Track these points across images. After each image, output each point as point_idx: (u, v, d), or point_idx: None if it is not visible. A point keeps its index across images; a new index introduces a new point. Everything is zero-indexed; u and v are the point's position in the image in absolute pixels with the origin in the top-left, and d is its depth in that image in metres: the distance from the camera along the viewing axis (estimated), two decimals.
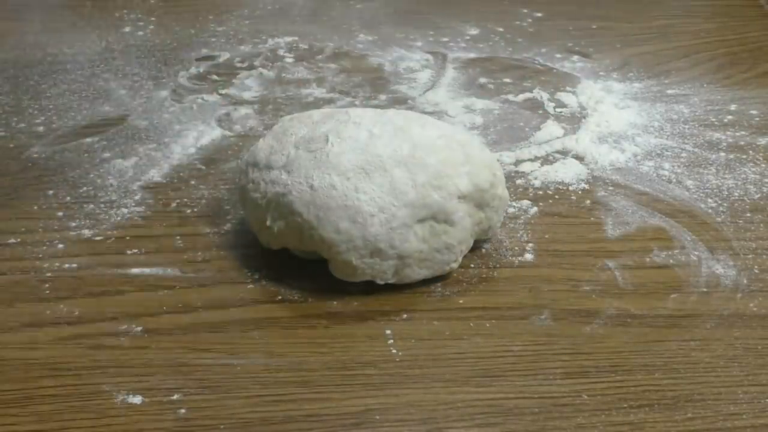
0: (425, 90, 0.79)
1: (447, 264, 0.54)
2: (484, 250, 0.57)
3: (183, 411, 0.45)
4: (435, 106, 0.76)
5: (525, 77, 0.82)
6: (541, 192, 0.64)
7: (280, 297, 0.53)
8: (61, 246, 0.57)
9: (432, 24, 0.92)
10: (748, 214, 0.62)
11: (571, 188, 0.64)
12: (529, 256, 0.57)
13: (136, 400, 0.46)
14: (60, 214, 0.60)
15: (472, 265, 0.56)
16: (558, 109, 0.76)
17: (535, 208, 0.62)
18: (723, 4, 0.99)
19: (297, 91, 0.79)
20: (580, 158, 0.68)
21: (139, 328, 0.51)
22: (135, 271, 0.55)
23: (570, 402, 0.46)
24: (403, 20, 0.93)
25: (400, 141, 0.54)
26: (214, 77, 0.81)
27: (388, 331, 0.51)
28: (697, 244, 0.58)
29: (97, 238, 0.58)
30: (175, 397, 0.46)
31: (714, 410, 0.46)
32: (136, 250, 0.57)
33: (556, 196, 0.64)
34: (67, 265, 0.55)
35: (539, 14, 0.95)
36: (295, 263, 0.55)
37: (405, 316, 0.52)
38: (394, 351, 0.50)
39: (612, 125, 0.73)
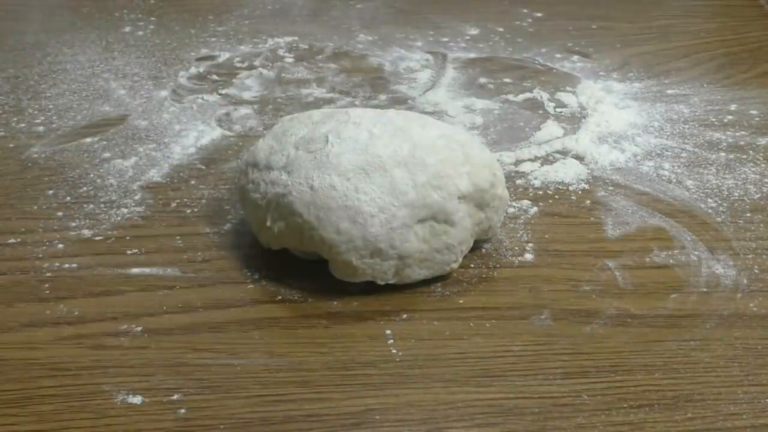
0: (425, 90, 0.79)
1: (447, 264, 0.54)
2: (484, 250, 0.57)
3: (183, 411, 0.45)
4: (435, 106, 0.76)
5: (525, 77, 0.82)
6: (541, 192, 0.64)
7: (280, 297, 0.53)
8: (61, 246, 0.57)
9: (432, 24, 0.92)
10: (748, 214, 0.62)
11: (571, 188, 0.64)
12: (529, 256, 0.57)
13: (136, 400, 0.46)
14: (60, 214, 0.60)
15: (472, 265, 0.56)
16: (558, 109, 0.76)
17: (535, 208, 0.62)
18: (723, 4, 0.99)
19: (297, 91, 0.79)
20: (580, 158, 0.68)
21: (139, 328, 0.51)
22: (135, 271, 0.55)
23: (570, 402, 0.46)
24: (403, 20, 0.93)
25: (400, 141, 0.54)
26: (214, 77, 0.81)
27: (388, 331, 0.51)
28: (697, 244, 0.58)
29: (97, 238, 0.58)
30: (175, 397, 0.46)
31: (714, 410, 0.46)
32: (136, 250, 0.57)
33: (556, 196, 0.64)
34: (67, 265, 0.55)
35: (539, 14, 0.95)
36: (295, 263, 0.55)
37: (405, 316, 0.52)
38: (394, 351, 0.50)
39: (612, 125, 0.73)
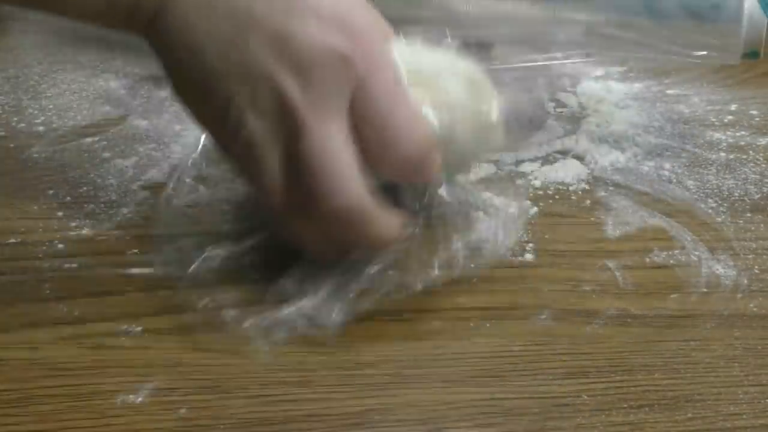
0: None
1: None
2: (484, 251, 0.57)
3: (183, 411, 0.45)
4: None
5: (525, 77, 0.82)
6: (541, 192, 0.64)
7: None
8: (61, 246, 0.57)
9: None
10: (749, 214, 0.62)
11: (571, 188, 0.64)
12: (529, 256, 0.57)
13: (136, 400, 0.46)
14: (60, 214, 0.60)
15: (473, 265, 0.56)
16: (558, 109, 0.76)
17: (535, 208, 0.62)
18: None
19: None
20: (580, 158, 0.68)
21: (139, 328, 0.51)
22: (135, 271, 0.55)
23: (570, 402, 0.46)
24: None
25: None
26: None
27: (389, 331, 0.51)
28: (698, 244, 0.58)
29: (97, 238, 0.58)
30: (175, 397, 0.46)
31: (714, 410, 0.46)
32: (136, 250, 0.57)
33: (556, 196, 0.64)
34: (67, 265, 0.55)
35: None
36: (295, 264, 0.55)
37: (405, 316, 0.52)
38: (394, 351, 0.50)
39: (612, 125, 0.73)
